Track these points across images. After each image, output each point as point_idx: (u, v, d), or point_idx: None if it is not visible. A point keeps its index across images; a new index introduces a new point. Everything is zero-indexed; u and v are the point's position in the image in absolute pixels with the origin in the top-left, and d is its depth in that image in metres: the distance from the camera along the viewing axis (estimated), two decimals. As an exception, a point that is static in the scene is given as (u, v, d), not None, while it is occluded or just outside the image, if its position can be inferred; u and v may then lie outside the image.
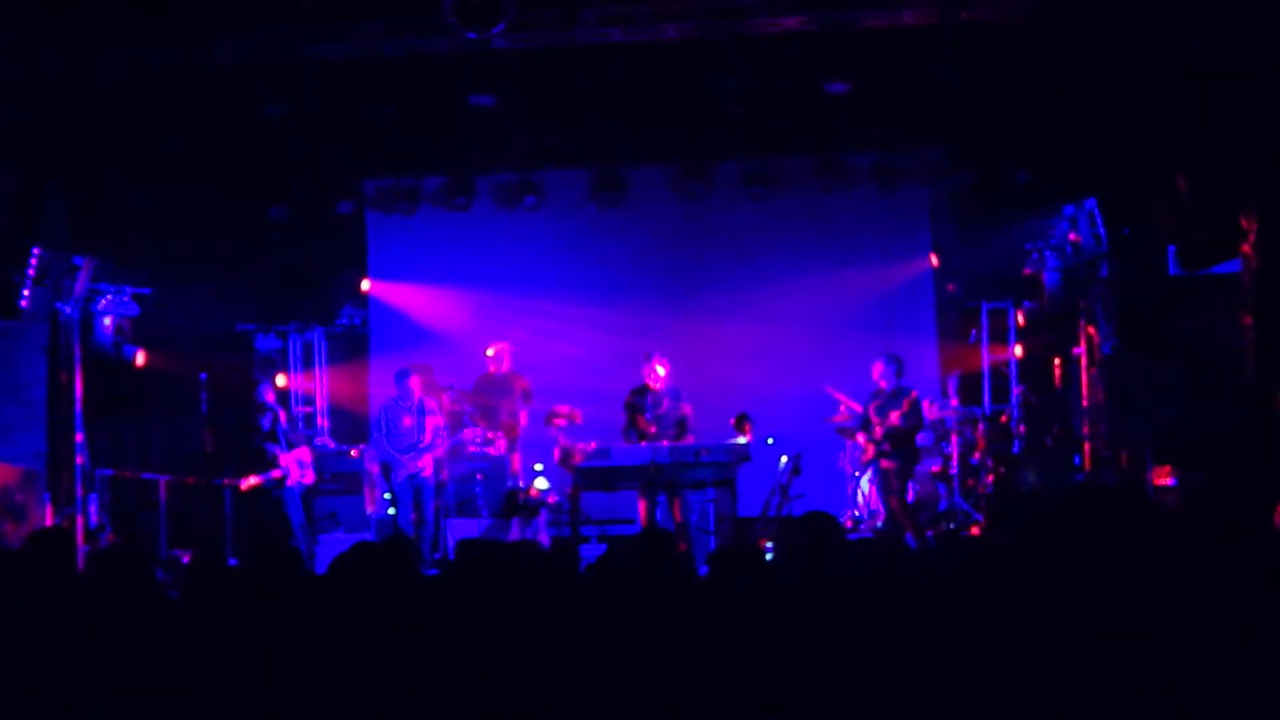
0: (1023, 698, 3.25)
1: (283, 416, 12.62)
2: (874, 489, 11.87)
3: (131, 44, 11.08)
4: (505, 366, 13.39)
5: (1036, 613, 3.37)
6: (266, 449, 12.31)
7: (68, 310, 11.94)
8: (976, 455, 12.77)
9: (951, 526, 12.48)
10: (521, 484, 12.58)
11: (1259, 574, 3.56)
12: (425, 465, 12.04)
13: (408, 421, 12.08)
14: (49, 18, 10.79)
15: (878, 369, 11.88)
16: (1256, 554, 3.77)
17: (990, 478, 12.62)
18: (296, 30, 11.01)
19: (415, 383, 12.24)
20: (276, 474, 12.26)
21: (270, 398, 12.67)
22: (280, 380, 13.96)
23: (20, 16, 10.72)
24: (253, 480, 12.23)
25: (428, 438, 12.09)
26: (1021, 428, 13.12)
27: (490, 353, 13.44)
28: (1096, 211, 11.77)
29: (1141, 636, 3.12)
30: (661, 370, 11.81)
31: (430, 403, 12.29)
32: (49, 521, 11.41)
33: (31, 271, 11.38)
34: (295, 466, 12.36)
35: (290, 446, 12.43)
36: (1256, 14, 9.43)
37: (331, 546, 11.96)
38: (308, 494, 12.57)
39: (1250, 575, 3.56)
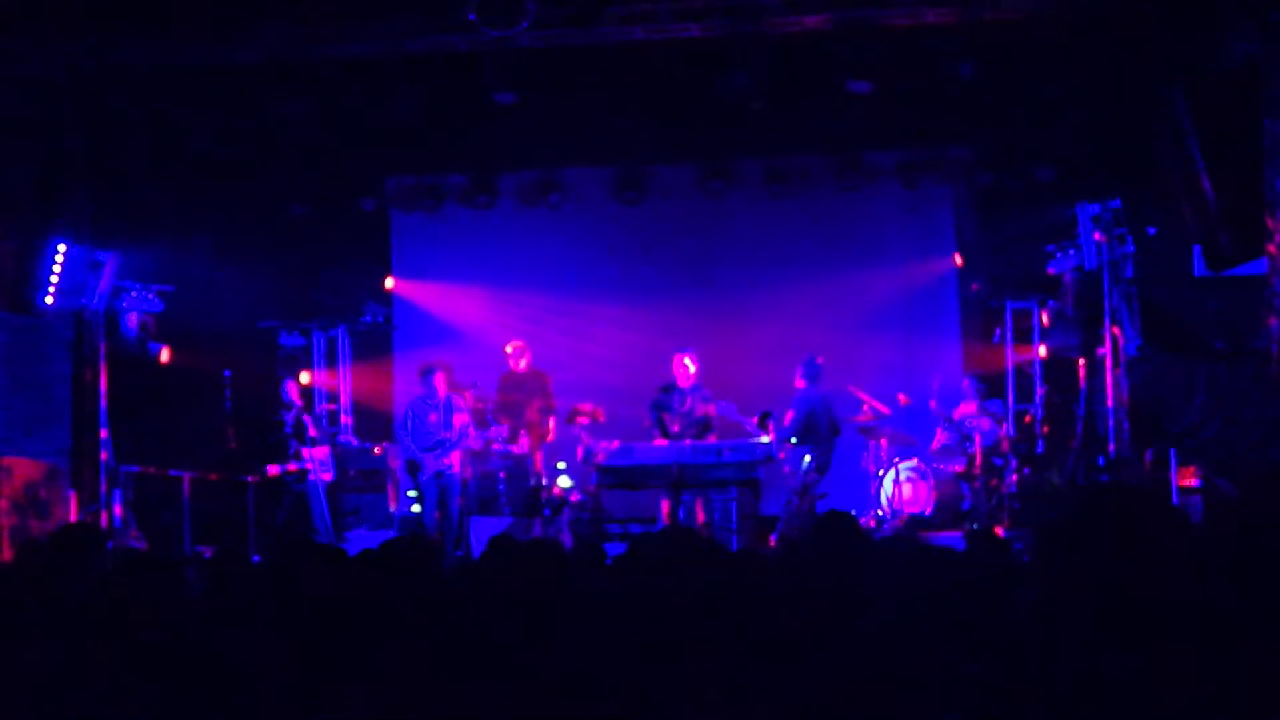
0: (1033, 700, 3.24)
1: (307, 416, 12.65)
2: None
3: (154, 41, 11.14)
4: (526, 364, 13.35)
5: (1051, 613, 3.36)
6: (289, 445, 12.34)
7: (92, 306, 11.99)
8: (999, 456, 12.73)
9: (975, 527, 12.44)
10: (544, 482, 12.57)
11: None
12: (453, 462, 11.99)
13: (434, 418, 12.02)
14: (72, 16, 10.86)
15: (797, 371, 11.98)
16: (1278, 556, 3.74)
17: (1014, 478, 12.57)
18: (319, 28, 11.06)
19: (440, 379, 12.18)
20: (294, 467, 12.27)
21: (294, 395, 12.70)
22: (304, 377, 13.99)
23: (43, 15, 10.78)
24: (277, 469, 12.29)
25: (455, 433, 12.06)
26: (1045, 428, 13.07)
27: (509, 350, 13.40)
28: (1122, 211, 11.72)
29: (1154, 641, 3.10)
30: (691, 368, 11.80)
31: (457, 399, 12.27)
32: (73, 517, 11.46)
33: (56, 268, 11.44)
34: (315, 465, 12.38)
35: (311, 444, 12.45)
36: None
37: (354, 544, 11.98)
38: (331, 491, 12.59)
39: (1272, 578, 3.53)
